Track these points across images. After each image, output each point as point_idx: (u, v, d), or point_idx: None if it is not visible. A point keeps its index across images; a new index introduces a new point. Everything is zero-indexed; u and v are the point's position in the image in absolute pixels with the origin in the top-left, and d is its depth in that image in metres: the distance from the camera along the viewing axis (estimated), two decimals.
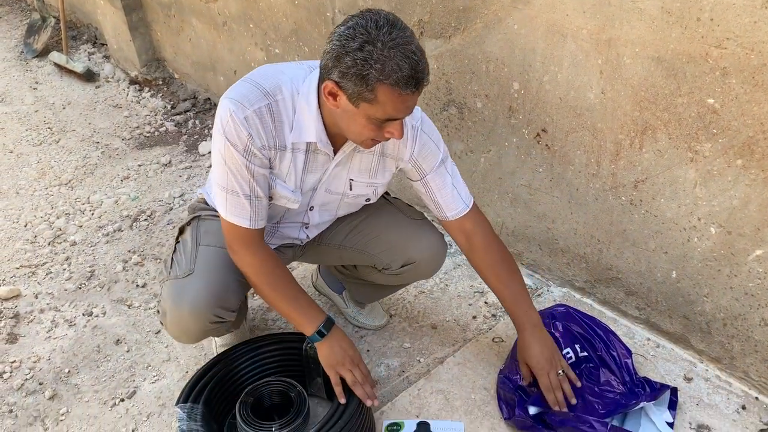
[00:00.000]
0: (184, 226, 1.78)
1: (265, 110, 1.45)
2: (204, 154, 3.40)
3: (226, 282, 1.63)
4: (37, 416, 1.92)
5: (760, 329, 1.73)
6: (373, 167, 1.66)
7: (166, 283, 1.65)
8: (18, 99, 4.07)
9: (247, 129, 1.43)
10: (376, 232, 1.81)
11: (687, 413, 1.76)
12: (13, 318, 2.30)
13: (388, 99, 1.33)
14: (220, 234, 1.69)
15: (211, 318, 1.60)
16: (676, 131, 1.67)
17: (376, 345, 2.10)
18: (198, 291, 1.59)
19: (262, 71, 1.52)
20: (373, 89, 1.31)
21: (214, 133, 1.49)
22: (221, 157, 1.48)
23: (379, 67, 1.28)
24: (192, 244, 1.69)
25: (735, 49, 1.47)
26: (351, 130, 1.44)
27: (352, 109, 1.37)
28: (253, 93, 1.45)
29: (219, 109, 1.46)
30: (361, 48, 1.28)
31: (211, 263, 1.65)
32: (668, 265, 1.88)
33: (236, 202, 1.52)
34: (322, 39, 2.66)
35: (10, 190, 3.12)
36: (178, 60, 3.95)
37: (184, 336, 1.67)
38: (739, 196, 1.62)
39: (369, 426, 1.67)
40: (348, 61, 1.30)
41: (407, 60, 1.29)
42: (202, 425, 1.61)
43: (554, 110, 1.94)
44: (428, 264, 1.83)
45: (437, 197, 1.70)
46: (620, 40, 1.67)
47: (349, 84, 1.32)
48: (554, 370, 1.68)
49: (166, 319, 1.62)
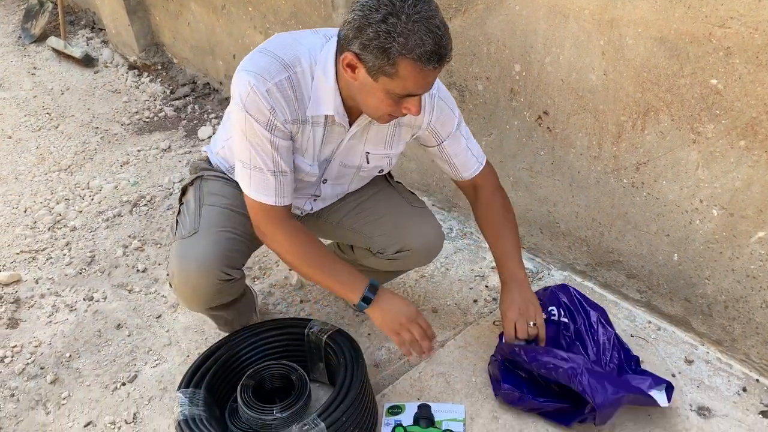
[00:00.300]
0: (187, 187, 1.76)
1: (286, 83, 1.41)
2: (203, 139, 3.39)
3: (231, 240, 1.62)
4: (39, 400, 1.93)
5: (762, 311, 1.73)
6: (388, 138, 1.64)
7: (173, 244, 1.63)
8: (16, 84, 4.05)
9: (270, 102, 1.40)
10: (376, 215, 1.80)
11: (688, 395, 1.77)
12: (14, 303, 2.30)
13: (410, 74, 1.30)
14: (223, 194, 1.68)
15: (219, 275, 1.58)
16: (678, 112, 1.66)
17: (377, 328, 2.09)
18: (203, 248, 1.57)
19: (278, 41, 1.48)
20: (394, 63, 1.28)
21: (233, 107, 1.44)
22: (242, 133, 1.44)
23: (402, 41, 1.25)
24: (195, 205, 1.67)
25: (739, 29, 1.45)
26: (368, 103, 1.41)
27: (371, 83, 1.34)
28: (273, 65, 1.41)
29: (237, 81, 1.41)
30: (384, 20, 1.25)
31: (214, 221, 1.63)
32: (670, 248, 1.87)
33: (260, 178, 1.48)
34: (321, 22, 2.64)
35: (9, 176, 3.11)
36: (176, 44, 3.92)
37: (194, 297, 1.63)
38: (742, 178, 1.61)
39: (371, 409, 1.67)
40: (370, 32, 1.26)
41: (431, 34, 1.26)
42: (204, 410, 1.61)
43: (556, 92, 1.92)
44: (423, 253, 1.82)
45: (454, 160, 1.71)
46: (623, 20, 1.65)
47: (369, 56, 1.29)
48: (524, 318, 1.69)
49: (175, 280, 1.60)
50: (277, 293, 2.27)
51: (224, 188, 1.72)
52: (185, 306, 1.73)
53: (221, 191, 1.70)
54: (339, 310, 2.19)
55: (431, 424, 1.68)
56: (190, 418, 1.57)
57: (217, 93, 3.78)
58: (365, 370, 1.68)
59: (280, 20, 2.88)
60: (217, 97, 3.77)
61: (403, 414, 1.72)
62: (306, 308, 2.21)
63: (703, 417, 1.71)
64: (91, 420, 1.85)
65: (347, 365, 1.66)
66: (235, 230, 1.64)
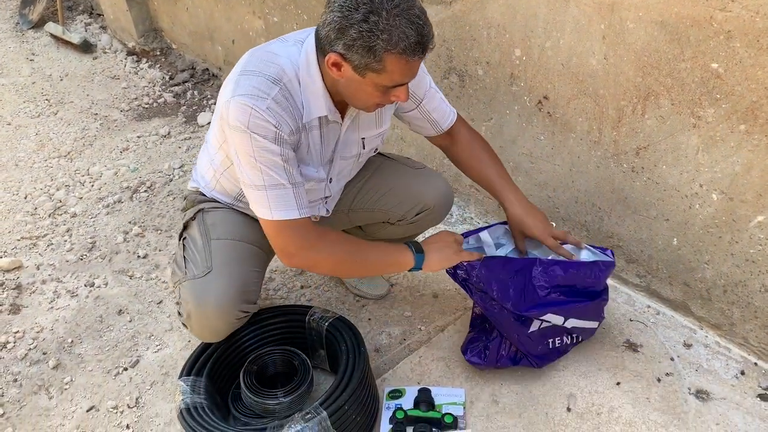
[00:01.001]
0: (189, 222, 1.73)
1: (281, 96, 1.42)
2: (203, 125, 3.38)
3: (246, 275, 1.62)
4: (42, 385, 1.94)
5: (761, 295, 1.74)
6: (377, 117, 1.66)
7: (185, 283, 1.61)
8: (14, 71, 4.04)
9: (274, 118, 1.39)
10: (385, 188, 1.82)
11: (686, 379, 1.78)
12: (16, 289, 2.30)
13: (396, 67, 1.32)
14: (228, 224, 1.67)
15: (237, 314, 1.59)
16: (679, 97, 1.66)
17: (377, 314, 2.11)
18: (221, 289, 1.56)
19: (255, 60, 1.46)
20: (380, 60, 1.30)
21: (234, 136, 1.41)
22: (250, 157, 1.41)
23: (386, 38, 1.27)
24: (203, 240, 1.65)
25: (740, 12, 1.44)
26: (357, 98, 1.43)
27: (358, 79, 1.36)
28: (263, 83, 1.41)
29: (233, 109, 1.38)
30: (365, 19, 1.26)
31: (227, 258, 1.61)
32: (669, 233, 1.87)
33: (279, 194, 1.44)
34: (320, 5, 2.62)
35: (9, 163, 3.11)
36: (175, 30, 3.90)
37: (210, 334, 1.65)
38: (742, 162, 1.61)
39: (373, 395, 1.68)
40: (353, 33, 1.27)
41: (413, 26, 1.27)
42: (205, 398, 1.62)
43: (556, 77, 1.92)
44: (441, 207, 1.87)
45: (434, 115, 1.74)
46: (623, 4, 1.64)
47: (355, 56, 1.31)
48: (551, 228, 1.73)
49: (191, 321, 1.60)
50: (277, 278, 2.27)
51: (228, 216, 1.71)
52: (199, 339, 1.73)
53: (226, 220, 1.68)
54: (339, 296, 2.19)
55: (431, 407, 1.69)
56: (192, 407, 1.58)
57: (216, 78, 3.77)
58: (367, 357, 1.69)
59: (279, 5, 2.87)
60: (216, 82, 3.76)
61: (404, 398, 1.73)
62: (306, 294, 2.21)
63: (702, 400, 1.72)
64: (93, 404, 1.86)
65: (348, 353, 1.67)
66: (248, 263, 1.63)
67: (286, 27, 2.89)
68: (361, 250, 1.57)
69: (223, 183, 1.69)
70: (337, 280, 2.25)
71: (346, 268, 1.61)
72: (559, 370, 1.82)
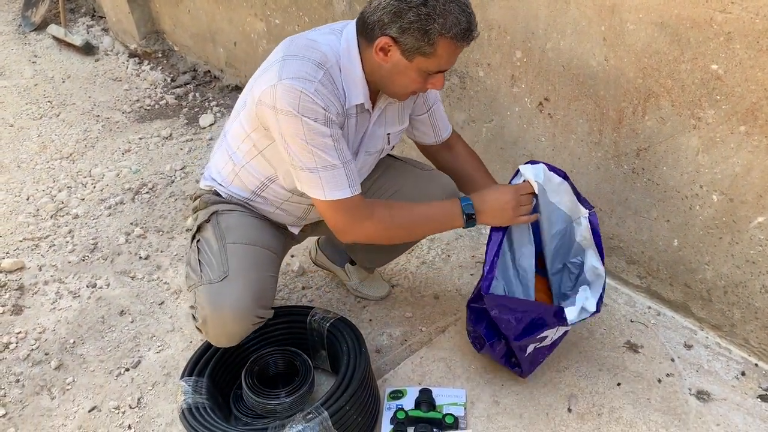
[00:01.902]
0: (203, 224, 1.71)
1: (326, 80, 1.43)
2: (204, 127, 3.39)
3: (262, 281, 1.61)
4: (44, 385, 1.94)
5: (761, 296, 1.74)
6: (399, 113, 1.68)
7: (200, 288, 1.58)
8: (17, 72, 4.05)
9: (322, 100, 1.40)
10: (395, 187, 1.82)
11: (687, 380, 1.78)
12: (18, 290, 2.31)
13: (445, 51, 1.38)
14: (243, 228, 1.67)
15: (253, 320, 1.59)
16: (679, 98, 1.66)
17: (378, 314, 2.12)
18: (238, 295, 1.55)
19: (296, 45, 1.47)
20: (433, 43, 1.35)
21: (283, 120, 1.41)
22: (301, 140, 1.41)
23: (441, 21, 1.33)
24: (218, 243, 1.63)
25: (740, 14, 1.45)
26: (397, 83, 1.47)
27: (405, 63, 1.40)
28: (308, 66, 1.42)
29: (279, 94, 1.39)
30: (424, 3, 1.32)
31: (243, 263, 1.60)
32: (670, 234, 1.88)
33: (332, 175, 1.46)
34: (322, 8, 2.63)
35: (11, 164, 3.12)
36: (177, 32, 3.91)
37: (226, 339, 1.63)
38: (742, 163, 1.61)
39: (374, 396, 1.69)
40: (411, 15, 1.33)
41: (464, 14, 1.35)
42: (207, 398, 1.63)
43: (557, 78, 1.92)
44: None
45: (439, 123, 1.79)
46: (624, 5, 1.65)
47: (409, 39, 1.36)
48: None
49: (207, 326, 1.58)
50: (279, 280, 2.27)
51: (243, 219, 1.70)
52: (215, 344, 1.70)
53: (241, 223, 1.68)
54: (341, 297, 2.20)
55: (432, 408, 1.69)
56: (194, 407, 1.58)
57: (218, 81, 3.78)
58: (368, 358, 1.69)
59: (280, 7, 2.88)
60: (218, 84, 3.77)
61: (405, 398, 1.74)
62: (308, 294, 2.22)
63: (702, 401, 1.72)
64: (95, 405, 1.87)
65: (350, 353, 1.67)
66: (264, 269, 1.63)
67: (287, 29, 2.90)
68: (413, 214, 1.59)
69: (243, 177, 1.67)
70: (338, 281, 2.26)
71: (400, 235, 1.63)
72: (559, 370, 1.82)
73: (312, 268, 2.33)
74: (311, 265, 2.33)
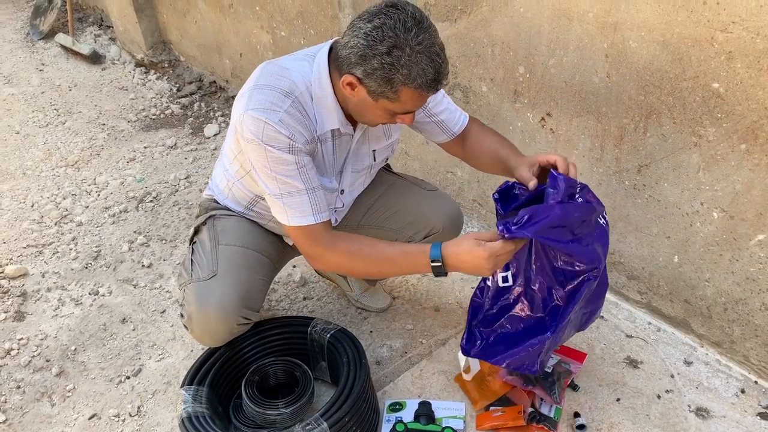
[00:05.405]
0: (200, 227, 1.76)
1: (293, 109, 1.44)
2: (209, 136, 3.41)
3: (250, 282, 1.63)
4: (44, 392, 1.95)
5: (761, 314, 1.74)
6: (385, 129, 1.69)
7: (189, 286, 1.63)
8: (24, 80, 4.09)
9: (287, 130, 1.42)
10: (395, 208, 1.83)
11: (686, 396, 1.78)
12: (21, 296, 2.32)
13: (409, 99, 1.37)
14: (237, 231, 1.69)
15: (238, 320, 1.61)
16: (680, 116, 1.67)
17: (379, 326, 2.12)
18: (224, 293, 1.58)
19: (266, 74, 1.49)
20: (396, 91, 1.35)
21: (249, 149, 1.45)
22: (265, 168, 1.45)
23: (405, 72, 1.31)
24: (211, 245, 1.67)
25: (741, 33, 1.47)
26: (365, 116, 1.48)
27: (371, 102, 1.40)
28: (275, 96, 1.44)
29: (246, 124, 1.42)
30: (389, 53, 1.29)
31: (233, 263, 1.63)
32: (670, 250, 1.88)
33: (294, 202, 1.47)
34: (328, 21, 2.66)
35: (17, 171, 3.14)
36: (183, 42, 3.95)
37: (210, 338, 1.66)
38: (742, 181, 1.62)
39: (373, 408, 1.69)
40: (375, 63, 1.31)
41: (432, 64, 1.32)
42: (207, 407, 1.63)
43: (559, 94, 1.94)
44: (449, 230, 1.87)
45: (441, 117, 1.73)
46: (626, 23, 1.67)
47: (372, 83, 1.35)
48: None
49: (192, 322, 1.61)
50: (280, 290, 2.29)
51: (238, 224, 1.73)
52: (199, 342, 1.74)
53: (235, 227, 1.71)
54: (342, 308, 2.21)
55: (432, 420, 1.69)
56: (194, 416, 1.59)
57: (224, 91, 3.81)
58: (368, 369, 1.70)
59: (287, 19, 2.90)
60: (223, 95, 3.80)
61: (404, 411, 1.74)
62: (309, 305, 2.23)
63: (702, 418, 1.72)
64: (95, 412, 1.87)
65: (350, 365, 1.68)
66: (253, 271, 1.65)
67: (293, 41, 2.93)
68: (380, 254, 1.51)
69: (236, 192, 1.72)
70: (339, 292, 2.27)
71: (365, 271, 1.61)
72: None
73: (314, 279, 2.34)
74: (313, 275, 2.34)
